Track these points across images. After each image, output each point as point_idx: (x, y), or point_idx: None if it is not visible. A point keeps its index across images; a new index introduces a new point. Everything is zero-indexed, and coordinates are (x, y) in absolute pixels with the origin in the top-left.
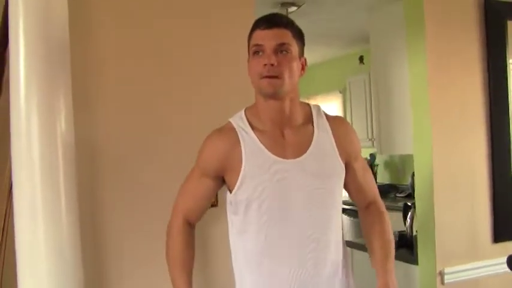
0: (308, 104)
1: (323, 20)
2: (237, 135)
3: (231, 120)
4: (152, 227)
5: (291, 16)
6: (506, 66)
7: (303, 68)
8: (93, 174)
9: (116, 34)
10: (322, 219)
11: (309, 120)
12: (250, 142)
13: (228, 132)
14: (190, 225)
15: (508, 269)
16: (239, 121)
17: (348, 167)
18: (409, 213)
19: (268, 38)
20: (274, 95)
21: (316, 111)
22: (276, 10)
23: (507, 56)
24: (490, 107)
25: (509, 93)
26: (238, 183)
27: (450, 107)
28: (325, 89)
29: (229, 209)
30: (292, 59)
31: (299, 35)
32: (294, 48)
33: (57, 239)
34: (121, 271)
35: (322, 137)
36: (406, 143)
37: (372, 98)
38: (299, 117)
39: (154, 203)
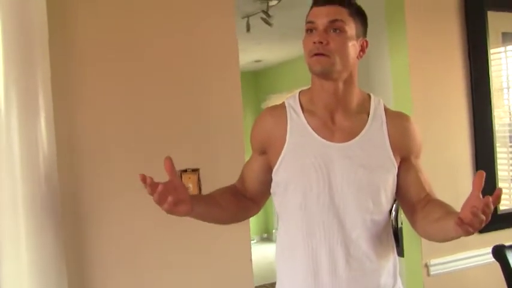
0: (369, 95)
1: (304, 14)
2: (286, 113)
3: (285, 99)
4: (134, 220)
5: (271, 10)
6: (488, 56)
7: (362, 50)
8: (73, 170)
9: (95, 30)
10: (360, 210)
11: (365, 109)
12: (297, 121)
13: (278, 109)
14: (241, 192)
15: (493, 260)
16: (291, 100)
17: (407, 162)
18: (394, 206)
19: (320, 15)
20: (323, 74)
21: (376, 102)
22: (257, 4)
23: (488, 45)
24: (472, 96)
25: (490, 82)
26: (279, 162)
27: (432, 96)
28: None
29: (272, 189)
30: (347, 38)
31: (358, 15)
32: (350, 27)
33: (39, 233)
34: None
35: (375, 128)
36: None
37: None
38: (353, 104)
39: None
